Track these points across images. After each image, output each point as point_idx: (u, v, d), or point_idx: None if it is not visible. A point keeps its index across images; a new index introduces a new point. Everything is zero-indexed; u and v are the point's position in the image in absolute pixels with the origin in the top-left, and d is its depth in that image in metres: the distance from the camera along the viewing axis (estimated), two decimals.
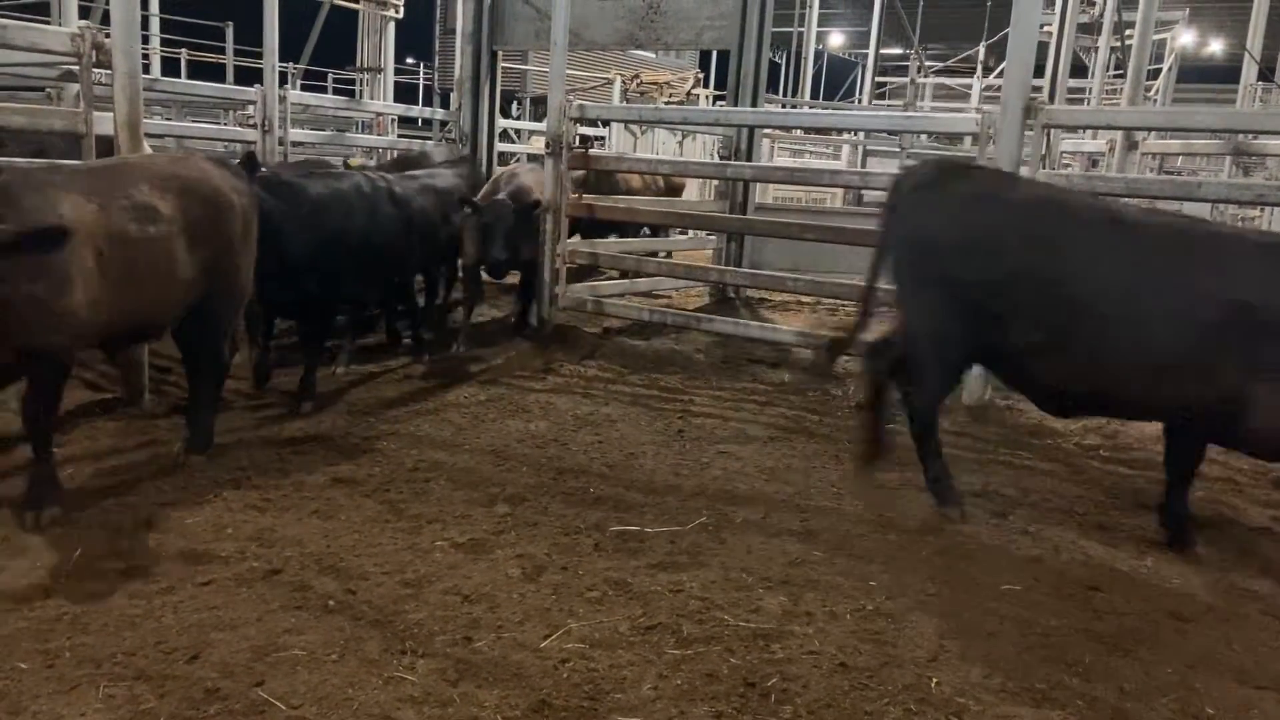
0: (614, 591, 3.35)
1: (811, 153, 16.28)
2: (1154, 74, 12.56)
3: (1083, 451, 5.19)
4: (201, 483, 4.15)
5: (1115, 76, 12.22)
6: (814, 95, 24.14)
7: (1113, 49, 12.08)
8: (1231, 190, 6.26)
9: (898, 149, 14.83)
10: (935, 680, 2.88)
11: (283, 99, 8.60)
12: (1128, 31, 11.39)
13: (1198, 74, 22.84)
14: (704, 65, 20.12)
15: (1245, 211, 11.76)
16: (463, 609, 3.20)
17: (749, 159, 8.26)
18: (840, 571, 3.59)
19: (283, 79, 12.17)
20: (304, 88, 18.04)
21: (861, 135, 15.39)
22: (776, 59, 25.71)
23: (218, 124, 12.16)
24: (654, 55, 15.84)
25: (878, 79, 20.96)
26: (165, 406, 5.12)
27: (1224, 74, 21.30)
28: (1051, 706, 2.79)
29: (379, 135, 12.84)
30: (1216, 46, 24.58)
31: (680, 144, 13.44)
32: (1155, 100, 12.44)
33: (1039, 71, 8.13)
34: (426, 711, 2.64)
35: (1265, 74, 16.58)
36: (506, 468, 4.56)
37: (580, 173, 7.64)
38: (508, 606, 3.22)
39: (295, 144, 9.09)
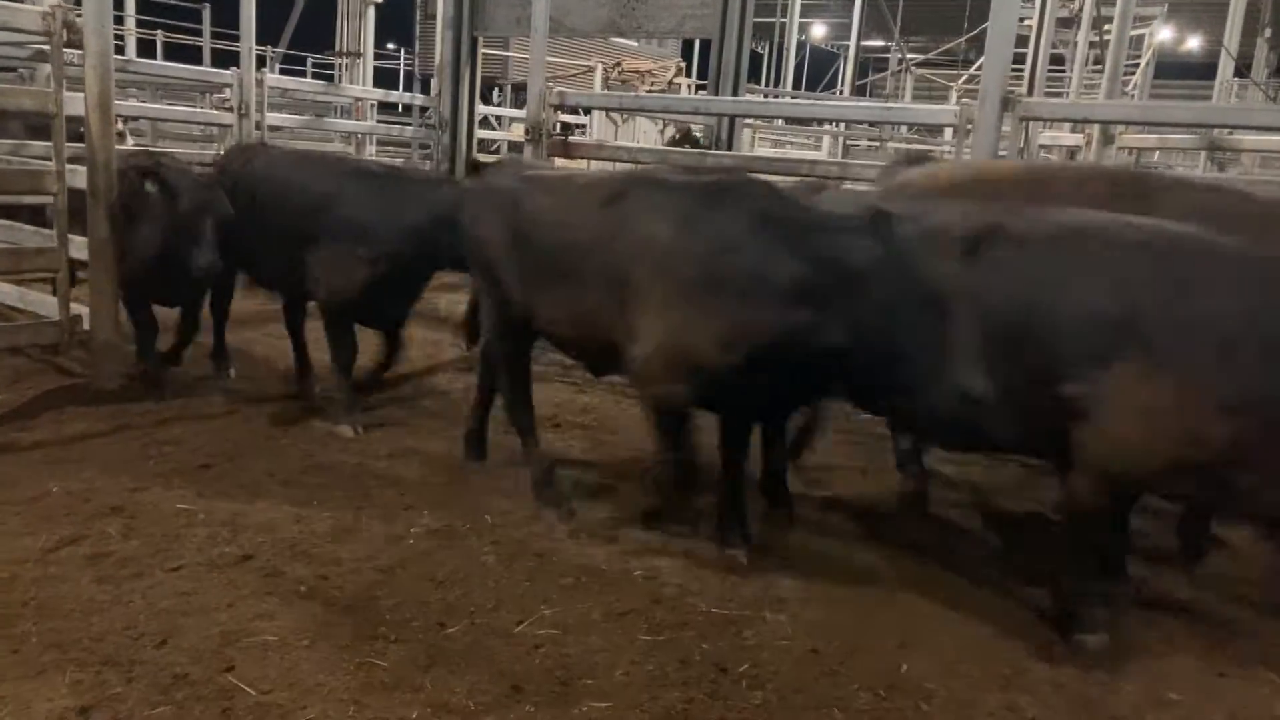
0: (587, 578, 3.35)
1: (792, 143, 16.28)
2: (1132, 69, 12.65)
3: None
4: (173, 468, 4.11)
5: (1094, 71, 12.28)
6: (796, 86, 24.15)
7: (1091, 43, 12.15)
8: None
9: (878, 141, 14.87)
10: (904, 666, 2.91)
11: (260, 83, 8.51)
12: (1106, 26, 11.47)
13: (1176, 70, 23.02)
14: (687, 54, 20.07)
15: None
16: (436, 595, 3.19)
17: (730, 149, 8.26)
18: (813, 558, 3.61)
19: (260, 62, 12.04)
20: (283, 72, 17.89)
21: (842, 126, 15.42)
22: (759, 49, 25.70)
23: (193, 107, 12.02)
24: (636, 43, 15.79)
25: (859, 76, 20.99)
26: (137, 392, 5.07)
27: (1201, 70, 21.47)
28: (1018, 691, 2.83)
29: (358, 120, 12.76)
30: (1194, 43, 24.77)
31: (662, 132, 13.40)
32: (1133, 95, 12.53)
33: (1018, 65, 8.17)
34: (398, 697, 2.63)
35: (1241, 70, 16.75)
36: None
37: None
38: (481, 592, 3.22)
39: (273, 128, 9.00)
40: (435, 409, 5.24)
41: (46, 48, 4.89)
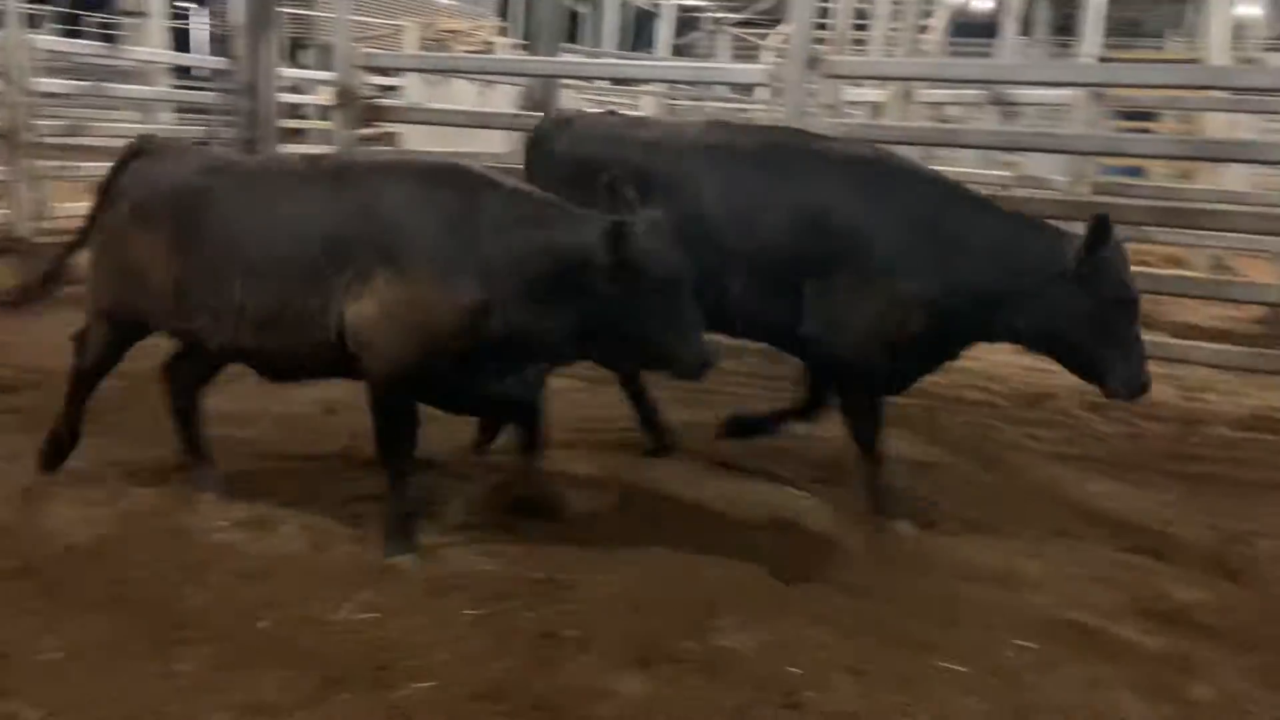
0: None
1: (614, 104, 16.25)
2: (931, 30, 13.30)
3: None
4: None
5: (896, 30, 12.82)
6: (622, 47, 24.13)
7: (895, 3, 12.67)
8: (991, 137, 6.78)
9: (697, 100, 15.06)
10: (717, 618, 2.97)
11: (25, 44, 7.70)
12: None
13: (976, 30, 24.44)
14: (506, 15, 19.67)
15: (1007, 155, 12.73)
16: (246, 589, 3.03)
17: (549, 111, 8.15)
18: (638, 521, 3.67)
19: (31, 21, 10.89)
20: (64, 33, 16.30)
21: (664, 87, 15.51)
22: (581, 9, 25.46)
23: None
24: (449, 1, 15.30)
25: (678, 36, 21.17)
26: None
27: (992, 30, 22.85)
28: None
29: (147, 87, 11.81)
30: (988, 3, 26.37)
31: (481, 94, 13.08)
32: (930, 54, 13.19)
33: (827, 24, 8.42)
34: (203, 701, 2.49)
35: (1026, 30, 17.97)
36: (290, 438, 4.35)
37: None
38: (296, 582, 3.08)
39: (45, 95, 8.17)
40: (243, 392, 4.91)
41: None
